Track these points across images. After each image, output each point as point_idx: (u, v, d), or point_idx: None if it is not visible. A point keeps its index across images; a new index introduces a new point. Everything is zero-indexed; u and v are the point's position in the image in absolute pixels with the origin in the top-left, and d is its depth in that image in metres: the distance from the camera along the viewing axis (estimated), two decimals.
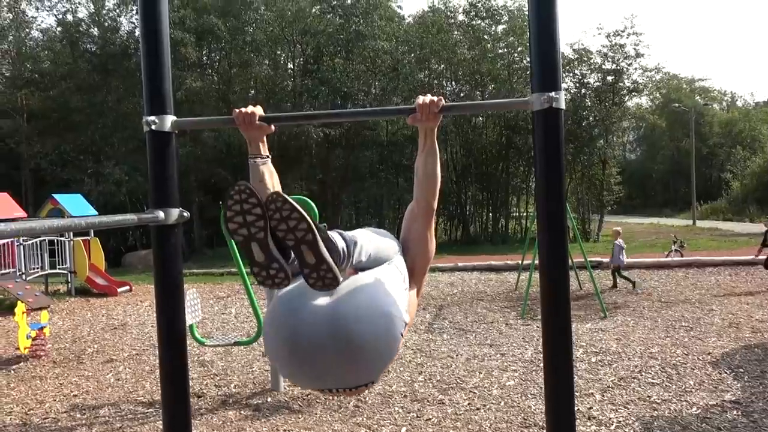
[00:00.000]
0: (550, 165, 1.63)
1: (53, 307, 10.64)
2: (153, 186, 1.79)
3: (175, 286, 1.84)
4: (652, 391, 4.95)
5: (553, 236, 1.64)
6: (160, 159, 1.77)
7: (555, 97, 1.57)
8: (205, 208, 22.66)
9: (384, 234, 1.85)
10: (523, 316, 8.33)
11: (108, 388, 5.70)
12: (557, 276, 1.64)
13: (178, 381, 1.84)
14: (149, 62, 1.73)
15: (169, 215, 1.77)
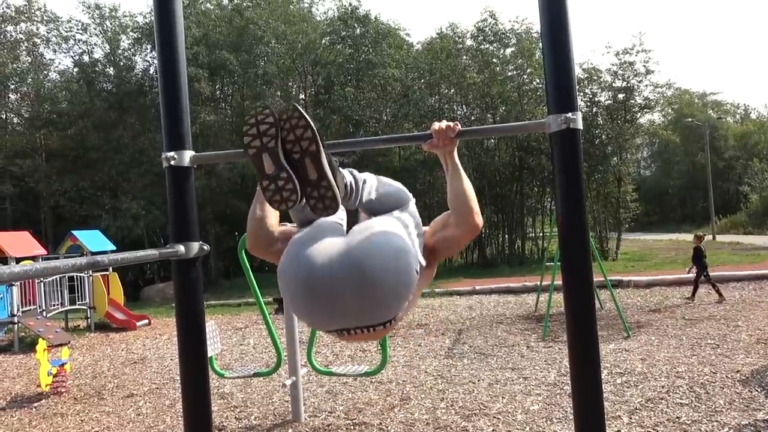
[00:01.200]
0: (570, 186, 1.63)
1: (73, 343, 10.71)
2: (173, 220, 1.81)
3: (197, 320, 1.85)
4: (681, 412, 4.82)
5: (576, 256, 1.63)
6: (180, 194, 1.80)
7: (572, 118, 1.58)
8: (222, 239, 22.84)
9: (397, 183, 1.87)
10: (545, 338, 8.20)
11: (129, 424, 5.68)
12: (581, 296, 1.62)
13: (201, 414, 1.83)
14: (168, 100, 1.77)
15: (190, 249, 1.78)
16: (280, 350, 5.61)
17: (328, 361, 7.67)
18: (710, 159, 33.96)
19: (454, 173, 1.80)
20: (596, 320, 1.67)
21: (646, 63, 24.77)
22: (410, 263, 1.52)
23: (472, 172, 26.27)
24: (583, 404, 1.65)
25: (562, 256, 1.70)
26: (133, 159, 23.07)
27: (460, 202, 1.78)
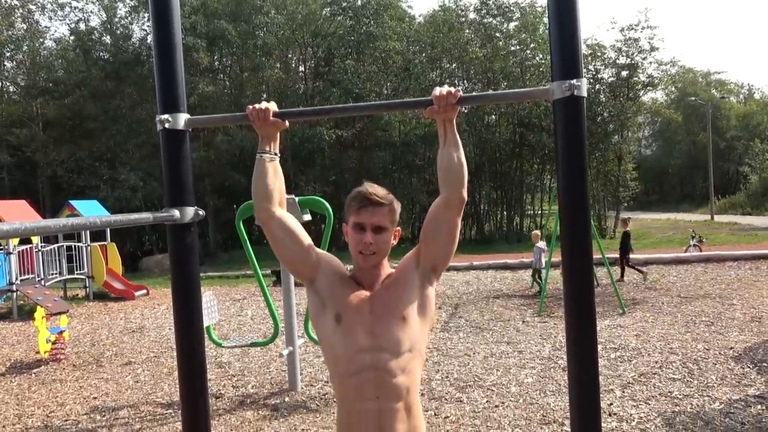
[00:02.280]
0: (572, 155, 1.60)
1: (72, 311, 10.76)
2: (167, 185, 1.78)
3: (192, 285, 1.83)
4: (673, 387, 4.88)
5: (576, 225, 1.61)
6: (175, 158, 1.77)
7: (576, 84, 1.54)
8: (220, 211, 22.82)
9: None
10: (540, 314, 8.26)
11: (127, 390, 5.74)
12: (581, 266, 1.60)
13: (196, 374, 1.84)
14: (161, 60, 1.73)
15: (185, 214, 1.76)
16: (278, 321, 5.64)
17: None
18: (711, 139, 33.79)
19: (451, 143, 1.76)
20: (594, 292, 1.66)
21: (651, 40, 24.53)
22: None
23: (472, 148, 26.17)
24: (578, 377, 1.65)
25: (561, 223, 1.67)
26: (131, 129, 22.92)
27: (455, 172, 1.74)
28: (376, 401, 1.64)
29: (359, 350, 1.66)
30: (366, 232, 1.70)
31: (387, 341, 1.67)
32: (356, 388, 1.66)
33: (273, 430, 4.44)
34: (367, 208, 1.70)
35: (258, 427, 4.51)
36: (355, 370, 1.66)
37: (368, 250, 1.70)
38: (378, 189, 1.73)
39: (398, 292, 1.73)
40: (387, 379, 1.64)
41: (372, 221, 1.70)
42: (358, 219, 1.71)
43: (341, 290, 1.74)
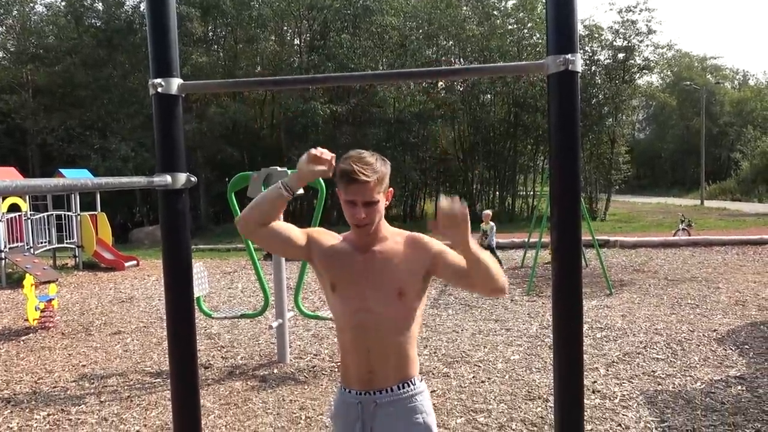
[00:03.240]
0: (565, 131, 1.60)
1: (61, 280, 10.75)
2: (159, 150, 1.77)
3: (183, 251, 1.83)
4: (656, 366, 4.96)
5: (566, 201, 1.61)
6: (167, 123, 1.75)
7: (571, 59, 1.53)
8: (212, 184, 22.70)
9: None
10: (529, 293, 8.34)
11: (116, 359, 5.77)
12: (570, 237, 1.61)
13: (186, 338, 1.85)
14: (155, 23, 1.70)
15: (177, 179, 1.75)
16: (268, 293, 5.66)
17: (315, 306, 7.76)
18: (705, 124, 33.87)
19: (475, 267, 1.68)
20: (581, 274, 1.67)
21: (649, 22, 24.40)
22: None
23: (467, 127, 26.10)
24: (564, 355, 1.67)
25: (552, 201, 1.68)
26: (123, 99, 22.62)
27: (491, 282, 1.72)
28: (367, 354, 1.77)
29: (353, 311, 1.78)
30: (357, 207, 1.73)
31: (377, 304, 1.77)
32: (351, 342, 1.81)
33: (261, 400, 4.49)
34: (355, 184, 1.71)
35: (246, 397, 4.55)
36: (349, 327, 1.80)
37: (362, 222, 1.75)
38: (365, 161, 1.72)
39: (398, 267, 1.78)
40: (378, 336, 1.77)
41: (363, 198, 1.73)
42: (348, 196, 1.74)
43: (334, 261, 1.83)
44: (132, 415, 4.27)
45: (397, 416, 1.78)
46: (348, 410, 1.83)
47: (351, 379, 1.83)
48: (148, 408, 4.40)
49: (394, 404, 1.79)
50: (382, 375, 1.78)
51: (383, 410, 1.78)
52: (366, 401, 1.80)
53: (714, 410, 3.99)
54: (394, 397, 1.79)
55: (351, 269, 1.81)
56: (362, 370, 1.79)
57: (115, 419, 4.20)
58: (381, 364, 1.78)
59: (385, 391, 1.79)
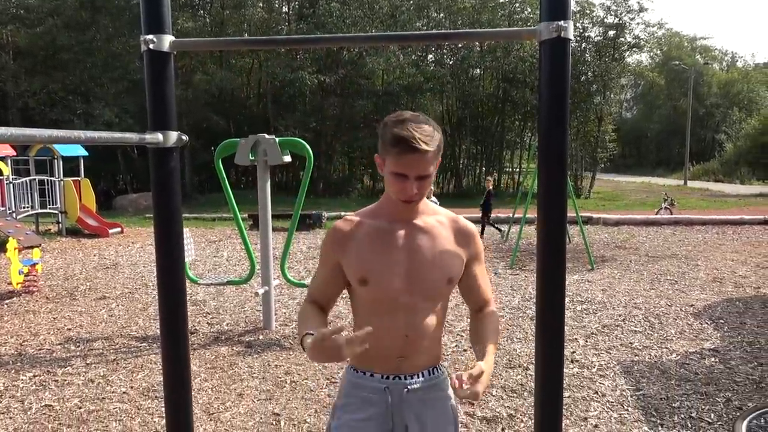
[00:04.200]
0: (556, 99, 1.61)
1: (44, 246, 10.65)
2: (151, 108, 1.76)
3: (174, 211, 1.84)
4: (634, 338, 5.10)
5: (554, 172, 1.64)
6: (158, 80, 1.74)
7: (564, 26, 1.54)
8: (197, 153, 22.47)
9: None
10: (512, 267, 8.45)
11: (101, 323, 5.78)
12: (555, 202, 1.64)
13: (176, 297, 1.87)
14: None
15: (168, 138, 1.75)
16: (254, 260, 5.69)
17: (301, 276, 7.81)
18: (692, 105, 34.07)
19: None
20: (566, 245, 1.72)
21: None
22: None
23: (455, 101, 26.00)
24: (545, 326, 1.72)
25: (540, 172, 1.71)
26: (107, 63, 22.15)
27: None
28: (404, 339, 1.58)
29: (393, 297, 1.55)
30: (409, 181, 1.48)
31: (424, 289, 1.57)
32: (383, 326, 1.55)
33: (247, 365, 4.54)
34: (412, 155, 1.44)
35: (232, 362, 4.61)
36: (384, 312, 1.57)
37: (411, 198, 1.51)
38: (424, 128, 1.47)
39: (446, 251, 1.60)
40: (418, 322, 1.58)
41: (417, 171, 1.47)
42: (400, 169, 1.47)
43: (366, 254, 1.57)
44: (118, 377, 4.31)
45: (428, 403, 1.65)
46: (373, 395, 1.63)
47: (375, 362, 1.62)
48: (134, 371, 4.43)
49: (425, 391, 1.64)
50: (414, 360, 1.62)
51: (414, 396, 1.63)
52: (395, 387, 1.62)
53: (688, 380, 4.13)
54: (425, 383, 1.64)
55: (390, 252, 1.56)
56: (393, 354, 1.60)
57: (101, 381, 4.23)
58: (415, 350, 1.60)
59: (417, 376, 1.63)
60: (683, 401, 3.77)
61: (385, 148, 1.49)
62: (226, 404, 3.80)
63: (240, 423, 3.53)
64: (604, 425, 3.44)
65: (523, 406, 3.69)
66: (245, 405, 3.79)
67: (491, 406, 3.70)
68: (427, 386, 1.65)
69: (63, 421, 3.58)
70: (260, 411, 3.69)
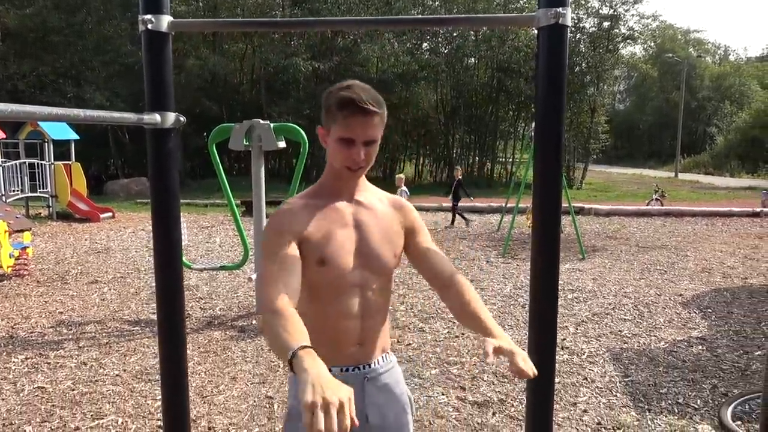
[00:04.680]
0: (553, 86, 1.63)
1: (35, 230, 10.58)
2: (149, 89, 1.76)
3: (171, 192, 1.85)
4: (623, 326, 5.16)
5: (551, 154, 1.66)
6: (156, 61, 1.74)
7: (562, 12, 1.56)
8: (190, 138, 22.31)
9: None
10: (504, 255, 8.51)
11: (93, 307, 5.77)
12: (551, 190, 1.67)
13: (173, 285, 1.88)
14: None
15: (166, 119, 1.75)
16: (247, 245, 5.69)
17: None
18: (684, 98, 34.20)
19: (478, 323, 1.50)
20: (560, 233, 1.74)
21: None
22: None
23: (449, 90, 25.96)
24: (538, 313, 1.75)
25: (537, 160, 1.72)
26: (98, 46, 21.89)
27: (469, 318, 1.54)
28: (359, 323, 1.52)
29: (349, 277, 1.50)
30: (356, 147, 1.43)
31: (377, 264, 1.53)
32: (340, 312, 1.51)
33: (240, 349, 4.56)
34: (357, 117, 1.41)
35: (225, 346, 4.63)
36: (341, 295, 1.50)
37: (358, 165, 1.46)
38: (369, 91, 1.44)
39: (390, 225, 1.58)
40: (372, 303, 1.54)
41: (365, 135, 1.43)
42: (346, 133, 1.42)
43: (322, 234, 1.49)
44: (111, 360, 4.32)
45: (385, 390, 1.60)
46: None
47: (331, 356, 1.47)
48: (127, 354, 4.44)
49: (382, 377, 1.60)
50: (370, 347, 1.56)
51: (373, 385, 1.57)
52: (353, 378, 1.53)
53: (675, 367, 4.19)
54: (381, 370, 1.59)
55: (341, 230, 1.51)
56: (350, 343, 1.53)
57: (94, 364, 4.24)
58: (370, 336, 1.55)
59: (374, 364, 1.58)
60: (670, 388, 3.83)
61: (331, 114, 1.45)
62: (220, 387, 3.83)
63: (233, 405, 3.56)
64: (593, 410, 3.50)
65: (513, 391, 3.74)
66: (239, 388, 3.81)
67: (482, 391, 3.75)
68: (384, 372, 1.61)
69: (56, 403, 3.59)
70: (254, 394, 3.72)
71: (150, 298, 6.06)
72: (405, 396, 1.66)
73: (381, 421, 1.58)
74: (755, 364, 4.25)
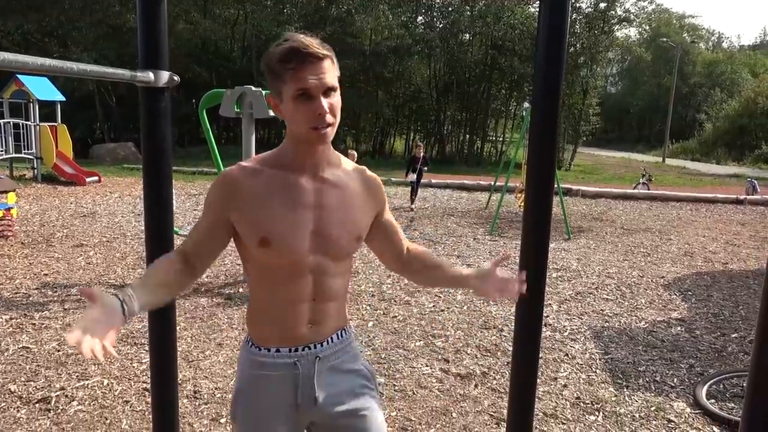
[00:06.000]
0: (552, 55, 1.62)
1: (19, 191, 10.43)
2: (143, 47, 1.73)
3: (164, 151, 1.83)
4: (605, 306, 5.25)
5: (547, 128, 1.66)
6: (151, 17, 1.71)
7: None
8: (178, 104, 21.99)
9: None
10: (491, 233, 8.56)
11: (79, 270, 5.75)
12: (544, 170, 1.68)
13: (164, 244, 1.87)
14: None
15: (159, 77, 1.73)
16: None
17: None
18: (675, 83, 34.26)
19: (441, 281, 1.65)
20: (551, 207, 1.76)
21: None
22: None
23: (442, 66, 25.75)
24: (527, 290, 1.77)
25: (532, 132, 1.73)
26: (85, 6, 21.36)
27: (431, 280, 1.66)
28: (311, 305, 1.42)
29: (299, 259, 1.37)
30: (317, 100, 1.27)
31: (333, 248, 1.40)
32: (289, 293, 1.40)
33: (226, 316, 4.58)
34: (306, 66, 1.25)
35: (212, 313, 4.64)
36: (289, 276, 1.39)
37: (324, 122, 1.28)
38: (309, 37, 1.29)
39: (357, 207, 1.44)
40: (327, 285, 1.42)
41: (321, 84, 1.27)
42: (302, 84, 1.25)
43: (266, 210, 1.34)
44: None
45: (341, 367, 1.50)
46: (279, 373, 1.43)
47: (281, 336, 1.43)
48: None
49: (336, 355, 1.49)
50: (324, 326, 1.45)
51: (325, 364, 1.46)
52: (304, 357, 1.44)
53: (654, 347, 4.28)
54: (336, 347, 1.48)
55: (295, 210, 1.35)
56: (301, 324, 1.42)
57: None
58: (324, 315, 1.44)
59: (327, 343, 1.46)
60: (648, 366, 3.92)
61: (277, 75, 1.29)
62: (206, 353, 3.85)
63: (219, 371, 3.58)
64: (573, 385, 3.57)
65: (496, 365, 3.81)
66: (224, 354, 3.84)
67: (465, 364, 3.81)
68: (338, 350, 1.49)
69: (41, 363, 3.59)
70: None
71: (137, 263, 6.04)
72: (364, 371, 1.55)
73: (336, 399, 1.47)
74: (731, 345, 4.36)
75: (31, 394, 3.21)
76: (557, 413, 3.22)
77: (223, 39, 24.18)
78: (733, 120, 35.85)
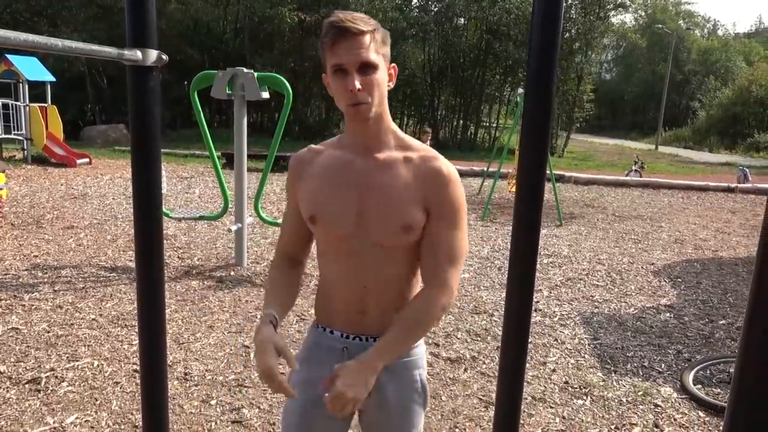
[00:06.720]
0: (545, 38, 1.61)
1: (9, 173, 10.34)
2: (130, 22, 1.69)
3: (152, 132, 1.80)
4: (595, 292, 5.28)
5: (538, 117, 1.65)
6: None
7: None
8: (170, 86, 21.79)
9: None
10: (484, 219, 8.58)
11: (69, 252, 5.72)
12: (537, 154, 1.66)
13: (153, 227, 1.85)
14: None
15: (147, 55, 1.69)
16: (228, 196, 5.65)
17: (274, 216, 7.79)
18: (670, 70, 34.25)
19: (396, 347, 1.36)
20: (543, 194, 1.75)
21: None
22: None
23: (437, 50, 25.60)
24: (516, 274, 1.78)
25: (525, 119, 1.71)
26: None
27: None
28: (363, 291, 1.39)
29: (342, 237, 1.37)
30: (349, 75, 1.25)
31: (377, 233, 1.35)
32: (339, 273, 1.41)
33: (218, 299, 4.58)
34: (343, 41, 1.24)
35: (203, 295, 4.63)
36: (336, 254, 1.40)
37: (356, 98, 1.26)
38: (354, 13, 1.28)
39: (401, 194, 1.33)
40: (377, 271, 1.38)
41: (355, 58, 1.25)
42: (335, 59, 1.26)
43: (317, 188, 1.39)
44: (87, 304, 4.31)
45: (391, 373, 1.40)
46: (328, 355, 1.43)
47: (335, 317, 1.44)
48: (104, 299, 4.43)
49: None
50: (377, 319, 1.39)
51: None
52: (354, 347, 1.41)
53: (643, 333, 4.32)
54: None
55: (340, 190, 1.36)
56: (351, 309, 1.40)
57: (69, 308, 4.22)
58: (376, 305, 1.39)
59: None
60: (637, 351, 3.96)
61: (323, 50, 1.29)
62: (196, 335, 3.85)
63: (210, 353, 3.59)
64: (562, 369, 3.61)
65: (486, 350, 3.83)
66: (215, 336, 3.84)
67: (455, 348, 3.83)
68: None
69: (31, 344, 3.58)
70: (230, 343, 3.75)
71: (127, 246, 6.01)
72: (418, 382, 1.47)
73: (381, 401, 1.41)
74: (719, 332, 4.40)
75: (21, 374, 3.21)
76: (546, 397, 3.25)
77: (216, 20, 23.89)
78: (727, 108, 35.93)
